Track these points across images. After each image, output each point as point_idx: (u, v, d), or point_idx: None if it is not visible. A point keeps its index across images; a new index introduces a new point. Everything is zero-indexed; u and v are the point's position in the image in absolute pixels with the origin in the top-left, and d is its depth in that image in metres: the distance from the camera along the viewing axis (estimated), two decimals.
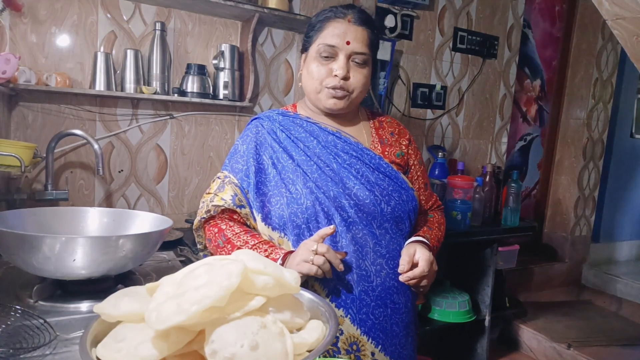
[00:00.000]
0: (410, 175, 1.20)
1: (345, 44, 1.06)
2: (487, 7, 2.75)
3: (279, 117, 1.15)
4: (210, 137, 2.01)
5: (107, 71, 1.70)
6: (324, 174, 1.06)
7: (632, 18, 0.72)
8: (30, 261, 0.89)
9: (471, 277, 2.33)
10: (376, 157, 1.11)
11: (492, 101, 2.88)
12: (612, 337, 2.54)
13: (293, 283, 0.59)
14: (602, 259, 3.58)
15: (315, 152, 1.09)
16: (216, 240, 1.07)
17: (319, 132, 1.12)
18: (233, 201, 1.06)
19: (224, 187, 1.08)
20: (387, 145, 1.17)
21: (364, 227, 1.05)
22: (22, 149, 1.30)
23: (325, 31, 1.08)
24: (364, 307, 1.04)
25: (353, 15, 1.08)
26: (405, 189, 1.11)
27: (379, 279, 1.05)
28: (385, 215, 1.07)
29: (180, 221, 1.89)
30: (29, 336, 0.76)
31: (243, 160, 1.10)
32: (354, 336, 1.04)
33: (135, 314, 0.55)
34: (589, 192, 3.38)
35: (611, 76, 3.33)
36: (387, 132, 1.20)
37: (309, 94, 1.13)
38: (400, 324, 1.09)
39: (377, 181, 1.08)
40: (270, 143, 1.11)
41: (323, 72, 1.07)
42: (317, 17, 1.12)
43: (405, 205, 1.10)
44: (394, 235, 1.09)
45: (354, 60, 1.07)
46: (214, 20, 1.96)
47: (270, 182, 1.08)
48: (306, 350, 0.56)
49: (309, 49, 1.12)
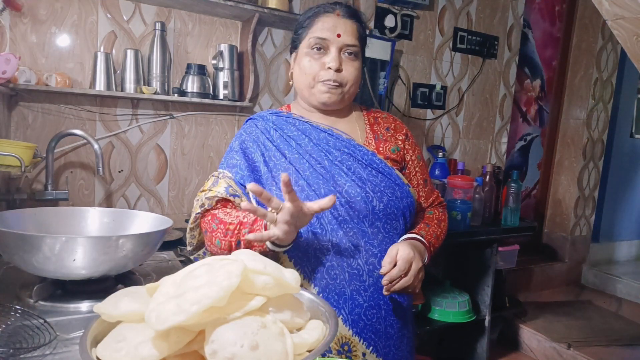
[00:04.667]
0: (408, 171, 1.18)
1: (336, 36, 1.06)
2: (487, 7, 2.75)
3: (272, 116, 1.15)
4: (210, 137, 2.01)
5: (107, 71, 1.70)
6: (316, 172, 1.06)
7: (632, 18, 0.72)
8: (30, 261, 0.89)
9: (471, 277, 2.33)
10: (369, 153, 1.09)
11: (492, 101, 2.88)
12: (612, 337, 2.54)
13: (293, 283, 0.59)
14: (602, 259, 3.58)
15: (307, 150, 1.08)
16: (210, 225, 1.02)
17: (312, 130, 1.11)
18: (227, 191, 1.03)
19: (218, 181, 1.07)
20: (382, 140, 1.16)
21: (355, 225, 1.03)
22: (22, 149, 1.30)
23: (315, 26, 1.08)
24: (357, 307, 1.03)
25: (341, 9, 1.09)
26: (399, 185, 1.09)
27: (371, 279, 1.04)
28: (377, 213, 1.05)
29: (180, 221, 1.89)
30: (29, 336, 0.76)
31: (238, 156, 1.10)
32: (345, 337, 1.03)
33: (135, 314, 0.55)
34: (589, 192, 3.39)
35: (611, 76, 3.33)
36: (383, 128, 1.18)
37: (301, 91, 1.13)
38: (395, 325, 1.08)
39: (369, 178, 1.07)
40: (264, 142, 1.11)
41: (316, 67, 1.07)
42: (305, 15, 1.13)
43: (399, 202, 1.07)
44: (387, 233, 1.07)
45: (346, 52, 1.07)
46: (214, 20, 1.96)
47: (262, 179, 1.07)
48: (306, 350, 0.56)
49: (299, 46, 1.12)
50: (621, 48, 3.14)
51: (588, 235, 3.46)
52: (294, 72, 1.14)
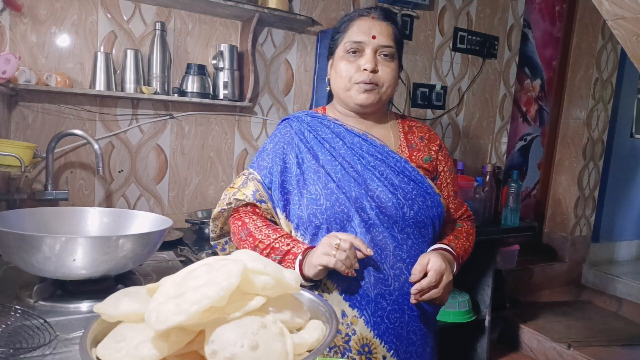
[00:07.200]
0: (439, 182, 1.18)
1: (371, 38, 1.07)
2: (487, 7, 2.75)
3: (307, 117, 1.17)
4: (210, 137, 2.01)
5: (107, 71, 1.70)
6: (348, 175, 1.06)
7: (632, 18, 0.72)
8: (30, 261, 0.89)
9: (471, 277, 2.33)
10: (402, 161, 1.10)
11: (492, 101, 2.88)
12: (612, 337, 2.54)
13: (293, 283, 0.59)
14: (602, 259, 3.58)
15: (340, 152, 1.09)
16: (239, 233, 1.09)
17: (346, 134, 1.12)
18: (254, 196, 1.09)
19: (247, 183, 1.12)
20: (415, 149, 1.16)
21: (384, 230, 1.04)
22: (22, 149, 1.30)
23: (351, 30, 1.09)
24: (379, 310, 1.02)
25: (376, 12, 1.10)
26: (430, 194, 1.09)
27: (397, 284, 1.03)
28: (407, 220, 1.05)
29: (180, 221, 1.89)
30: (29, 336, 0.76)
31: (269, 159, 1.13)
32: (366, 338, 1.03)
33: (135, 314, 0.55)
34: (589, 192, 3.38)
35: (611, 76, 3.33)
36: (417, 137, 1.18)
37: (338, 94, 1.14)
38: (418, 332, 1.07)
39: (401, 184, 1.07)
40: (297, 143, 1.12)
41: (351, 69, 1.08)
42: (341, 20, 1.15)
43: (429, 210, 1.07)
44: (416, 240, 1.07)
45: (382, 53, 1.08)
46: (214, 20, 1.96)
47: (293, 181, 1.09)
48: (306, 350, 0.56)
49: (335, 52, 1.13)
50: (621, 48, 3.14)
51: (588, 235, 3.46)
52: (331, 77, 1.15)
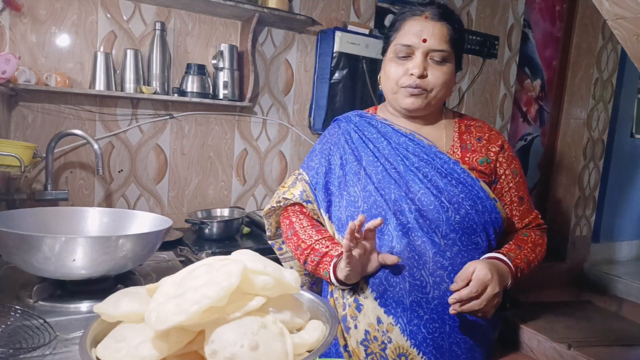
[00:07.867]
0: (500, 186, 1.09)
1: (422, 41, 1.01)
2: (487, 7, 2.75)
3: (355, 117, 1.16)
4: (210, 137, 2.01)
5: (107, 71, 1.70)
6: (389, 176, 1.03)
7: (633, 18, 0.72)
8: (30, 261, 0.89)
9: None
10: (450, 162, 1.03)
11: (492, 101, 2.88)
12: (612, 338, 2.54)
13: (293, 283, 0.59)
14: (602, 259, 3.58)
15: (383, 153, 1.07)
16: (286, 231, 1.13)
17: (392, 134, 1.08)
18: (301, 196, 1.12)
19: (296, 183, 1.15)
20: (470, 150, 1.08)
21: (424, 234, 0.98)
22: (22, 149, 1.30)
23: (402, 30, 1.05)
24: (416, 318, 0.97)
25: (431, 11, 1.03)
26: (482, 198, 1.01)
27: (437, 292, 0.97)
28: (452, 225, 0.98)
29: (180, 221, 1.89)
30: (28, 336, 0.76)
31: (317, 159, 1.15)
32: (403, 347, 0.98)
33: (135, 314, 0.55)
34: (589, 192, 3.38)
35: (611, 76, 3.33)
36: (474, 137, 1.11)
37: (386, 95, 1.11)
38: (463, 344, 0.99)
39: (447, 187, 1.01)
40: (342, 144, 1.12)
41: (399, 72, 1.04)
42: (396, 17, 1.10)
43: (479, 216, 1.00)
44: (464, 247, 0.99)
45: (432, 58, 1.02)
46: (213, 20, 1.96)
47: (335, 182, 1.10)
48: (306, 350, 0.56)
49: (387, 51, 1.10)
50: (621, 48, 3.14)
51: (588, 235, 3.46)
52: (381, 77, 1.13)
